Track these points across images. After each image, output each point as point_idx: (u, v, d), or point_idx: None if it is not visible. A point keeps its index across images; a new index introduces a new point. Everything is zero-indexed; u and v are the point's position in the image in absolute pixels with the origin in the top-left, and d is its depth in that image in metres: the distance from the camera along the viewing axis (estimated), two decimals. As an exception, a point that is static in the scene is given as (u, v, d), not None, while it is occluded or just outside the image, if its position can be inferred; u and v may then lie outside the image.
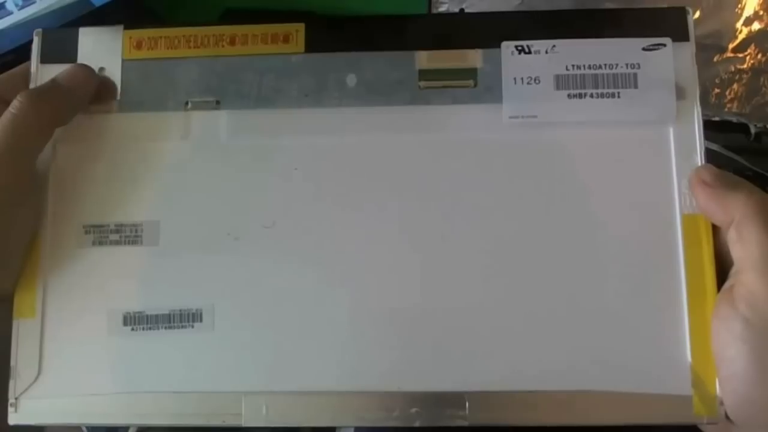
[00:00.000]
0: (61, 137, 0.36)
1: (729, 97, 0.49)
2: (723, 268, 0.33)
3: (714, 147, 0.47)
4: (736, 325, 0.30)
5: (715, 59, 0.50)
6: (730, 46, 0.50)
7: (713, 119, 0.49)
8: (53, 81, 0.35)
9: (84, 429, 0.58)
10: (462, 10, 0.49)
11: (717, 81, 0.50)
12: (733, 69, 0.50)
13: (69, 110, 0.36)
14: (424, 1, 0.50)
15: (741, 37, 0.50)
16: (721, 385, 0.32)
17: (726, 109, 0.49)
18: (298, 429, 0.59)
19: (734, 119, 0.49)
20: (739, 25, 0.50)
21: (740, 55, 0.50)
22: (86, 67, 0.36)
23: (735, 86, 0.49)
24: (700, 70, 0.35)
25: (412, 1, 0.51)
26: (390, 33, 0.37)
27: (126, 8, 0.42)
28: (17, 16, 0.39)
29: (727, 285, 0.32)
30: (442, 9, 0.50)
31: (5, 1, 0.39)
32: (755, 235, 0.30)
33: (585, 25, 0.36)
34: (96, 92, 0.36)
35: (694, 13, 0.48)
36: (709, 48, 0.50)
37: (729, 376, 0.31)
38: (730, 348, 0.31)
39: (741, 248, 0.31)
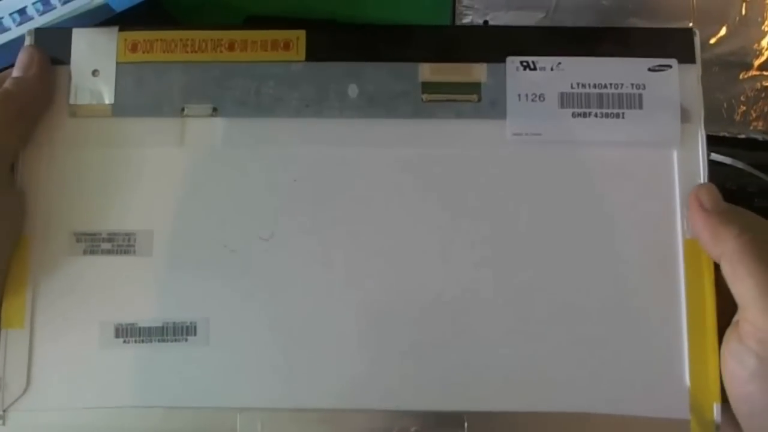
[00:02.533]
0: (51, 142, 0.37)
1: (754, 115, 0.51)
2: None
3: (739, 165, 0.49)
4: (749, 362, 0.31)
5: (740, 76, 0.51)
6: (756, 63, 0.51)
7: (738, 137, 0.51)
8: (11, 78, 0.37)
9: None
10: (486, 22, 0.51)
11: (742, 99, 0.51)
12: (758, 86, 0.51)
13: (34, 101, 0.37)
14: (448, 12, 0.51)
15: (767, 54, 0.52)
16: (742, 423, 0.33)
17: (751, 127, 0.50)
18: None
19: (760, 137, 0.51)
20: (765, 42, 0.52)
21: (766, 73, 0.52)
22: (36, 49, 0.37)
23: (761, 104, 0.51)
24: (725, 87, 0.36)
25: (435, 12, 0.52)
26: (393, 43, 0.38)
27: (148, 14, 0.42)
28: (38, 21, 0.39)
29: (736, 317, 0.33)
30: (466, 21, 0.51)
31: (26, 6, 0.40)
32: (748, 272, 0.31)
33: (591, 43, 0.37)
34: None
35: (719, 30, 0.50)
36: (735, 65, 0.51)
37: (749, 414, 0.32)
38: (747, 385, 0.32)
39: (737, 285, 0.32)
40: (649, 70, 0.37)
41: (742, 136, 0.50)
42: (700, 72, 0.37)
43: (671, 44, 0.37)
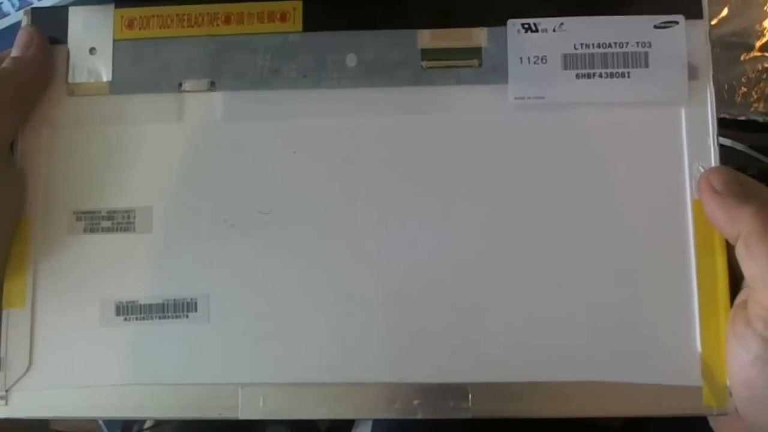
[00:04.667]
0: (50, 121, 0.38)
1: (755, 97, 0.50)
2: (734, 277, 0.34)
3: (740, 147, 0.49)
4: (754, 346, 0.31)
5: (742, 58, 0.51)
6: (758, 44, 0.51)
7: (739, 118, 0.50)
8: (10, 58, 0.37)
9: (100, 422, 0.60)
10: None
11: (744, 80, 0.51)
12: (760, 68, 0.51)
13: (32, 80, 0.38)
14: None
15: (769, 35, 0.52)
16: (740, 407, 0.33)
17: (752, 109, 0.50)
18: (316, 423, 0.60)
19: (761, 119, 0.50)
20: (767, 23, 0.51)
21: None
22: (35, 30, 0.38)
23: (762, 85, 0.51)
24: (726, 68, 0.36)
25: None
26: (391, 11, 0.38)
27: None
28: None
29: (741, 298, 0.33)
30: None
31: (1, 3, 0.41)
32: (764, 251, 0.30)
33: (594, 2, 0.37)
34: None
35: (721, 11, 0.50)
36: (736, 46, 0.51)
37: (749, 399, 0.32)
38: (749, 369, 0.31)
39: (751, 265, 0.31)
40: (655, 27, 0.36)
41: (743, 118, 0.50)
42: (708, 27, 0.36)
43: (677, 0, 0.36)
